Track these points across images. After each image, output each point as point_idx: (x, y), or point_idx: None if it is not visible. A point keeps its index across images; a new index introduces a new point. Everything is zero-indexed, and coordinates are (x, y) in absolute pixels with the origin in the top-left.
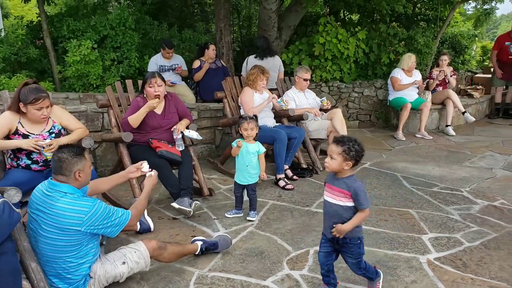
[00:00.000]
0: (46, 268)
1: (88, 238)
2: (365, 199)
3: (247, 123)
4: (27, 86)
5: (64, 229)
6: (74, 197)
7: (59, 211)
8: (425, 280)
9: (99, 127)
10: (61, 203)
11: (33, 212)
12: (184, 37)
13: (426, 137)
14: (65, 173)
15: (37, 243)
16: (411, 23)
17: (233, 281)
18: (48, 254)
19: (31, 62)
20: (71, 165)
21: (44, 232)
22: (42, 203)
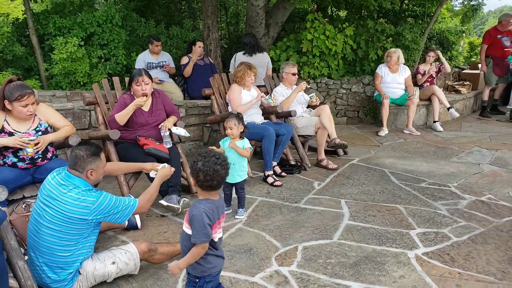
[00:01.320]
0: (42, 257)
1: (90, 230)
2: (199, 232)
3: (226, 122)
4: (12, 83)
5: (70, 218)
6: (83, 191)
7: (69, 200)
8: (413, 275)
9: (86, 124)
10: (70, 194)
11: (43, 197)
12: (171, 34)
13: (414, 133)
14: (79, 169)
15: (39, 230)
16: (398, 19)
17: (222, 277)
18: (47, 241)
19: (17, 60)
20: (85, 164)
21: (49, 217)
22: (54, 189)
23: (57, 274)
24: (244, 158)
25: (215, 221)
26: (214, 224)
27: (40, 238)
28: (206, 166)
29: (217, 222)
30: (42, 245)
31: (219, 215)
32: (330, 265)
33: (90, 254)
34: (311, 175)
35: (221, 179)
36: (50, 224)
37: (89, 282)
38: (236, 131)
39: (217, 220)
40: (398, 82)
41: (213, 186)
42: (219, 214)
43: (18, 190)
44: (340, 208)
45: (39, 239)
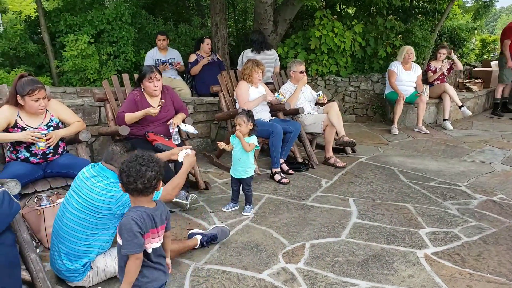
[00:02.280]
0: (61, 243)
1: (113, 222)
2: (129, 242)
3: (236, 118)
4: (23, 78)
5: (96, 207)
6: (111, 182)
7: (97, 189)
8: (422, 274)
9: (96, 121)
10: (99, 184)
11: (75, 186)
12: (180, 31)
13: (423, 131)
14: (114, 164)
15: (64, 215)
16: (408, 16)
17: (229, 273)
18: (68, 227)
19: (29, 57)
20: (121, 159)
21: (76, 204)
22: (86, 179)
23: (71, 262)
24: (249, 154)
25: (147, 229)
26: (147, 233)
27: (63, 223)
28: (128, 166)
29: (152, 231)
30: (64, 230)
31: (155, 223)
32: (337, 263)
33: (105, 249)
34: (318, 172)
35: (147, 182)
36: (75, 211)
37: (99, 277)
38: (245, 128)
39: (152, 229)
40: (411, 80)
41: (138, 190)
42: (155, 222)
43: (30, 184)
44: (348, 206)
45: (62, 224)
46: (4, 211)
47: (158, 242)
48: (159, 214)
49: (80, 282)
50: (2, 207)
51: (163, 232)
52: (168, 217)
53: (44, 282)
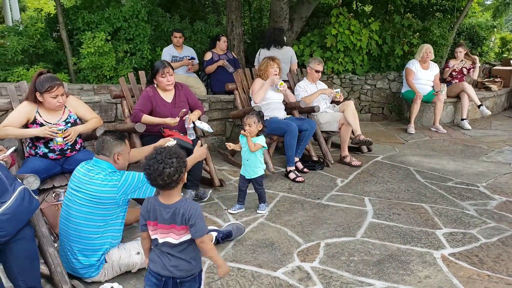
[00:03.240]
0: (71, 242)
1: (119, 210)
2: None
3: (246, 118)
4: (42, 75)
5: (99, 198)
6: (109, 173)
7: (97, 181)
8: (439, 275)
9: (113, 117)
10: (98, 176)
11: (73, 184)
12: (195, 29)
13: (440, 131)
14: (106, 153)
15: (69, 214)
16: (426, 14)
17: (244, 271)
18: (76, 224)
19: (48, 54)
20: (111, 147)
21: (80, 200)
22: (83, 175)
23: (86, 257)
24: (257, 154)
25: (148, 218)
26: (149, 221)
27: (70, 222)
28: (148, 164)
29: (149, 222)
30: (73, 229)
31: (155, 216)
32: (353, 263)
33: (117, 241)
34: (334, 171)
35: (167, 179)
36: (80, 207)
37: (114, 271)
38: (254, 129)
39: (149, 221)
40: (428, 79)
41: (160, 186)
42: (156, 215)
43: (48, 180)
44: (363, 206)
45: (70, 223)
46: (25, 207)
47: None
48: (170, 214)
49: (96, 277)
50: (22, 203)
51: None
52: (191, 224)
53: (62, 276)
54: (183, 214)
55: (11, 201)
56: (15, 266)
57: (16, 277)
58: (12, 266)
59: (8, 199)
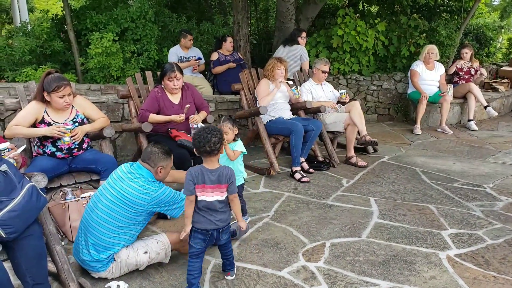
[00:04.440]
0: (88, 233)
1: (142, 218)
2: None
3: (220, 126)
4: (50, 75)
5: (130, 201)
6: (148, 181)
7: (134, 185)
8: (444, 276)
9: (120, 117)
10: (136, 181)
11: (111, 179)
12: (202, 30)
13: (446, 132)
14: (151, 164)
15: (96, 206)
16: (433, 15)
17: (249, 270)
18: (100, 218)
19: (55, 55)
20: (157, 160)
21: (111, 197)
22: (123, 174)
23: (97, 252)
24: (236, 161)
25: (198, 182)
26: (197, 185)
27: (94, 214)
28: (198, 135)
29: (203, 185)
30: (95, 221)
31: (203, 179)
32: (358, 263)
33: (131, 242)
34: (339, 172)
35: (213, 145)
36: (108, 202)
37: (122, 269)
38: (231, 135)
39: (203, 184)
40: (434, 79)
41: (207, 152)
42: (204, 179)
43: (55, 178)
44: (369, 206)
45: (93, 215)
46: (33, 205)
47: (212, 197)
48: (216, 176)
49: (103, 273)
50: (30, 201)
51: (221, 191)
52: (230, 182)
53: (69, 274)
54: (226, 175)
55: (19, 198)
56: (23, 263)
57: (24, 274)
58: (20, 262)
59: (16, 196)
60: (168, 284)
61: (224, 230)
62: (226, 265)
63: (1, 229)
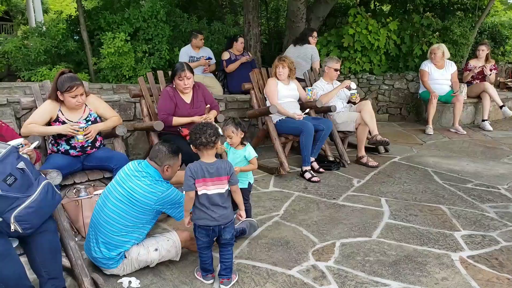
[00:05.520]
0: (98, 231)
1: (150, 218)
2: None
3: (222, 131)
4: (63, 75)
5: (136, 200)
6: (155, 180)
7: (141, 184)
8: (457, 277)
9: (131, 116)
10: (143, 180)
11: (118, 177)
12: (213, 29)
13: (460, 132)
14: (158, 162)
15: (105, 205)
16: (446, 13)
17: (259, 269)
18: (109, 216)
19: (69, 54)
20: (164, 158)
21: (119, 195)
22: (130, 172)
23: (108, 250)
24: (244, 163)
25: (198, 177)
26: (198, 179)
27: (103, 213)
28: (195, 128)
29: (203, 179)
30: (104, 220)
31: (203, 173)
32: (368, 263)
33: (141, 240)
34: (350, 172)
35: (208, 137)
36: (116, 201)
37: (132, 266)
38: (236, 139)
39: (203, 178)
40: (445, 78)
41: (203, 144)
42: (203, 173)
43: (69, 176)
44: (380, 207)
45: (102, 214)
46: (48, 201)
47: (212, 190)
48: (215, 168)
49: (115, 270)
50: (46, 197)
51: (221, 183)
52: (231, 173)
53: (82, 269)
54: (225, 168)
55: (36, 195)
56: (38, 258)
57: (40, 268)
58: (36, 257)
59: (33, 193)
60: (178, 281)
61: (226, 227)
62: (221, 270)
63: (18, 224)
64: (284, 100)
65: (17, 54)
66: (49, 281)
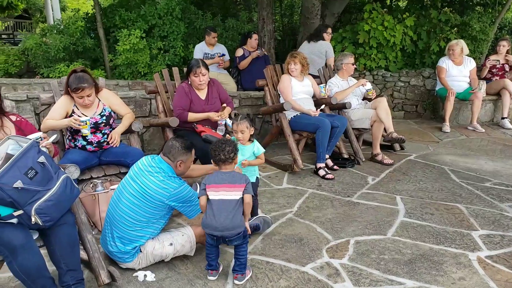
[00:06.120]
0: (114, 226)
1: (163, 214)
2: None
3: (236, 125)
4: (74, 74)
5: (150, 196)
6: (168, 176)
7: (154, 180)
8: (474, 277)
9: (147, 112)
10: (156, 175)
11: (132, 172)
12: (227, 26)
13: (478, 130)
14: (171, 158)
15: (120, 200)
16: (465, 8)
17: (273, 265)
18: (123, 211)
19: (86, 51)
20: (177, 154)
21: (133, 191)
22: (144, 168)
23: (123, 245)
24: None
25: (208, 182)
26: (208, 185)
27: (118, 208)
28: (215, 145)
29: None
30: (118, 214)
31: (215, 180)
32: (383, 261)
33: (155, 235)
34: (365, 169)
35: (227, 154)
36: (130, 197)
37: (148, 260)
38: (247, 135)
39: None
40: (464, 75)
41: (222, 160)
42: (216, 179)
43: (86, 171)
44: (395, 205)
45: (117, 209)
46: (67, 195)
47: (219, 195)
48: (228, 176)
49: (130, 264)
50: (65, 191)
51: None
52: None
53: (99, 262)
54: (240, 177)
55: (55, 188)
56: (58, 250)
57: (59, 260)
58: (55, 249)
59: (52, 186)
60: (193, 276)
61: (231, 240)
62: (235, 265)
63: (39, 217)
64: (298, 97)
65: (37, 51)
66: (68, 272)
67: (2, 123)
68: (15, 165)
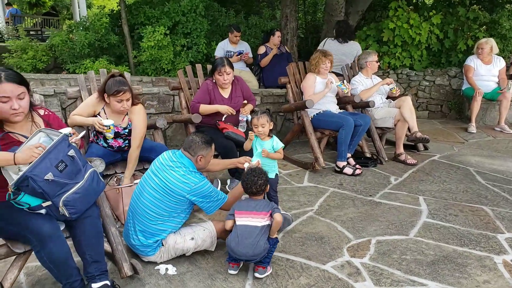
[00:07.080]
0: (136, 219)
1: (183, 208)
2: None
3: (257, 119)
4: (113, 78)
5: (171, 190)
6: (189, 171)
7: (175, 174)
8: (500, 281)
9: (170, 108)
10: (178, 170)
11: (154, 167)
12: (250, 24)
13: (506, 131)
14: (191, 152)
15: (142, 194)
16: (495, 6)
17: (293, 262)
18: (145, 205)
19: (111, 48)
20: (197, 148)
21: (154, 185)
22: (165, 162)
23: (145, 238)
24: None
25: (237, 208)
26: (236, 211)
27: (140, 202)
28: (246, 177)
29: (236, 211)
30: (141, 208)
31: (244, 207)
32: (405, 261)
33: (176, 229)
34: (387, 169)
35: (258, 187)
36: (152, 191)
37: (169, 254)
38: (267, 129)
39: (241, 211)
40: (492, 75)
41: (253, 192)
42: (244, 207)
43: (111, 166)
44: (418, 205)
45: (139, 203)
46: (93, 188)
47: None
48: (255, 203)
49: (152, 257)
50: (92, 184)
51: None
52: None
53: (122, 254)
54: (266, 205)
55: (83, 182)
56: (83, 241)
57: (84, 251)
58: (80, 240)
59: (80, 179)
60: (213, 270)
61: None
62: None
63: (66, 209)
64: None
65: (63, 47)
66: (92, 264)
67: (32, 117)
68: (47, 157)
